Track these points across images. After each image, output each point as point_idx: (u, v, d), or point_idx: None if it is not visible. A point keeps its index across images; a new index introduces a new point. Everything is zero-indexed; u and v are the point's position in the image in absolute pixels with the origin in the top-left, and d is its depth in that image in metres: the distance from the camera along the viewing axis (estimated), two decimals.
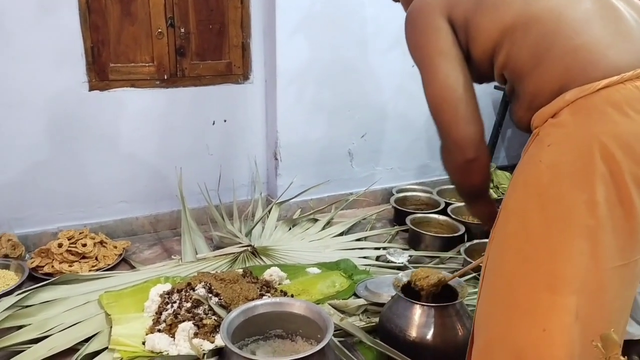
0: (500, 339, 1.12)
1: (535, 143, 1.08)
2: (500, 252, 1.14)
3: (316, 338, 1.58)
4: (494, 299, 1.15)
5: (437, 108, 1.20)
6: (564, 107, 1.04)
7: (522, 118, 1.16)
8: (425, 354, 1.65)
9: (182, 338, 1.74)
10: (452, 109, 1.17)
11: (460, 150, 1.19)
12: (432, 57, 1.19)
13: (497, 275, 1.14)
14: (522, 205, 1.08)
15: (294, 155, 2.94)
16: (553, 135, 1.05)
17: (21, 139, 2.40)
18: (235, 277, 2.05)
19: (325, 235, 2.73)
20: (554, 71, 1.07)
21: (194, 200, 2.76)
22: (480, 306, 1.19)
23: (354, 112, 3.04)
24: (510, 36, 1.12)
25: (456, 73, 1.17)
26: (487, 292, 1.18)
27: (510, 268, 1.10)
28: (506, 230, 1.12)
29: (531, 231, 1.06)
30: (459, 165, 1.23)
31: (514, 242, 1.10)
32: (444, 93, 1.17)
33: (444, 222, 2.73)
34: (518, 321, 1.08)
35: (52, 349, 1.77)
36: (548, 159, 1.04)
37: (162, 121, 2.68)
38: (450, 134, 1.19)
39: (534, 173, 1.06)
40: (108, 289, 2.10)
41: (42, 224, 2.54)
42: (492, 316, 1.15)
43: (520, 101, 1.15)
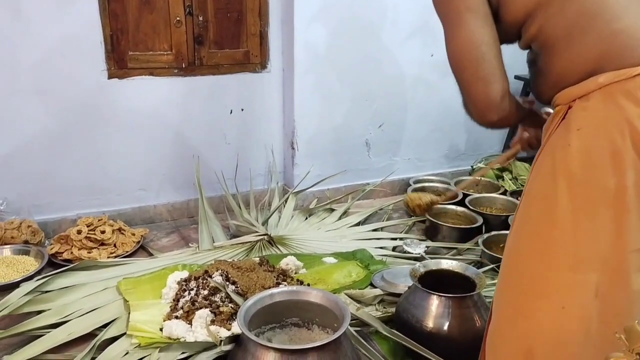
0: (517, 317, 1.14)
1: (563, 126, 1.07)
2: (522, 235, 1.14)
3: (332, 327, 1.57)
4: (513, 279, 1.16)
5: (458, 65, 1.14)
6: (595, 90, 1.02)
7: (543, 94, 1.15)
8: (441, 345, 1.64)
9: (199, 325, 1.75)
10: (473, 66, 1.11)
11: (481, 112, 1.14)
12: (458, 12, 1.12)
13: (518, 257, 1.14)
14: (548, 188, 1.07)
15: (310, 144, 2.93)
16: (583, 119, 1.04)
17: (40, 127, 2.42)
18: (252, 266, 2.05)
19: (341, 225, 2.73)
20: (588, 53, 1.05)
21: (211, 189, 2.77)
22: (499, 286, 1.20)
23: (371, 101, 3.02)
24: (546, 10, 1.08)
25: (482, 30, 1.11)
26: (506, 273, 1.18)
27: (531, 250, 1.10)
28: (530, 213, 1.12)
29: (558, 214, 1.05)
30: (482, 124, 1.19)
31: (537, 225, 1.09)
32: (467, 49, 1.12)
33: (461, 213, 2.70)
34: (537, 301, 1.09)
35: (71, 334, 1.79)
36: (577, 143, 1.03)
37: (180, 110, 2.68)
38: (470, 93, 1.14)
39: (563, 157, 1.05)
40: (126, 276, 2.11)
41: (61, 211, 2.57)
42: (510, 296, 1.16)
43: (545, 77, 1.13)
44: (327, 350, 1.37)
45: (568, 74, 1.07)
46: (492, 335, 1.21)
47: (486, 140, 3.38)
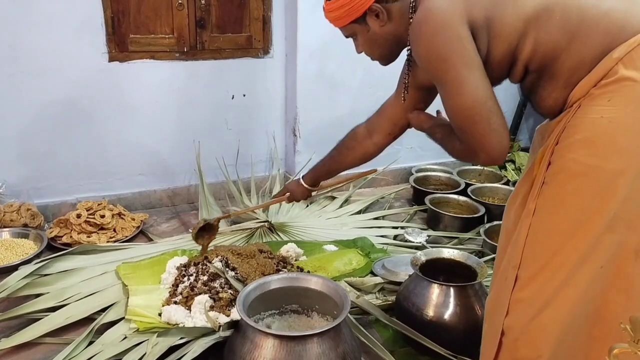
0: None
1: (583, 110, 1.08)
2: (556, 214, 1.14)
3: (332, 314, 1.56)
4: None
5: (468, 120, 1.17)
6: (613, 65, 1.05)
7: (557, 99, 1.15)
8: (441, 334, 1.63)
9: (198, 310, 1.74)
10: (485, 121, 1.15)
11: (495, 159, 1.19)
12: (458, 69, 1.15)
13: (549, 234, 1.15)
14: (587, 161, 1.08)
15: (312, 131, 2.91)
16: (611, 91, 1.06)
17: (41, 109, 2.40)
18: (252, 252, 2.04)
19: (342, 213, 2.71)
20: (593, 38, 1.08)
21: (211, 174, 2.75)
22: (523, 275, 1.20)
23: (375, 89, 2.98)
24: (535, 23, 1.13)
25: (484, 84, 1.16)
26: (535, 253, 1.18)
27: (568, 225, 1.12)
28: (565, 190, 1.12)
29: (599, 184, 1.08)
30: (486, 164, 1.29)
31: (577, 200, 1.11)
32: (475, 106, 1.15)
33: (463, 202, 2.69)
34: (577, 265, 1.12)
35: (69, 317, 1.78)
36: (610, 113, 1.05)
37: (181, 94, 2.66)
38: (483, 146, 1.17)
39: (596, 129, 1.07)
40: (125, 260, 2.10)
41: (61, 194, 2.55)
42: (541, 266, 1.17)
43: (556, 81, 1.14)
44: (326, 337, 1.36)
45: (581, 67, 1.10)
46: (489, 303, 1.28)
47: None
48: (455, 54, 1.14)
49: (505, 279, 1.21)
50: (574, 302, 1.12)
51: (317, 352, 1.34)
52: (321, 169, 1.88)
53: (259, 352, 1.34)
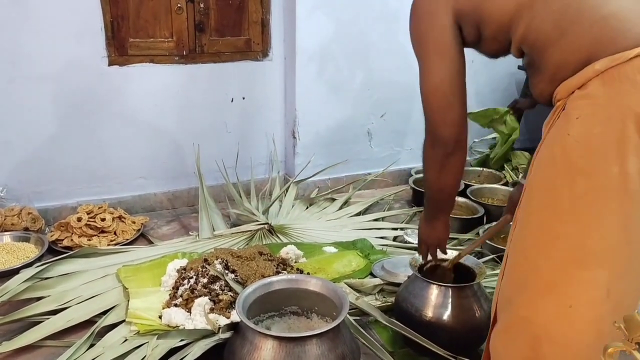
0: (522, 320, 1.10)
1: (563, 117, 1.04)
2: (525, 230, 1.11)
3: (332, 315, 1.57)
4: (518, 278, 1.12)
5: (428, 107, 1.27)
6: (592, 77, 1.00)
7: (543, 91, 1.13)
8: (440, 334, 1.63)
9: (198, 313, 1.75)
10: (442, 112, 1.24)
11: (443, 145, 1.28)
12: (430, 56, 1.24)
13: (521, 253, 1.11)
14: (549, 180, 1.05)
15: (312, 134, 2.92)
16: (582, 107, 1.01)
17: (41, 113, 2.41)
18: (252, 255, 2.05)
19: (342, 214, 2.72)
20: (581, 41, 1.03)
21: (211, 177, 2.76)
22: (503, 287, 1.17)
23: (373, 91, 3.00)
24: (529, 9, 1.10)
25: (450, 77, 1.21)
26: (510, 272, 1.15)
27: (535, 245, 1.07)
28: (531, 207, 1.09)
29: (559, 206, 1.03)
30: (439, 158, 1.32)
31: (539, 218, 1.07)
32: (437, 96, 1.24)
33: (462, 203, 2.69)
34: (542, 299, 1.06)
35: (70, 320, 1.79)
36: (577, 131, 1.01)
37: (181, 97, 2.67)
38: (436, 131, 1.28)
39: (562, 146, 1.02)
40: (126, 263, 2.11)
41: (61, 198, 2.56)
42: (515, 297, 1.12)
43: (542, 74, 1.11)
44: (326, 338, 1.37)
45: (565, 66, 1.06)
46: (497, 335, 1.19)
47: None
48: (431, 42, 1.22)
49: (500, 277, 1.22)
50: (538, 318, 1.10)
51: (316, 353, 1.35)
52: None
53: (259, 354, 1.35)
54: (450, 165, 1.33)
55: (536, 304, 1.08)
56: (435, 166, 1.35)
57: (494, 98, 3.30)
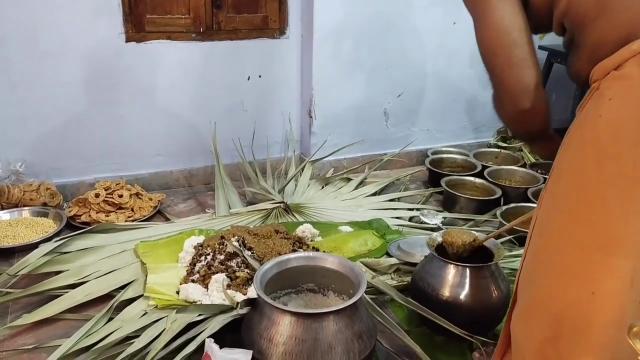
0: (544, 302, 1.08)
1: (595, 97, 1.00)
2: (550, 213, 1.08)
3: (348, 293, 1.57)
4: (540, 261, 1.10)
5: (489, 52, 1.10)
6: (629, 57, 0.95)
7: (580, 71, 1.08)
8: (457, 314, 1.63)
9: (215, 289, 1.76)
10: (506, 52, 1.06)
11: (514, 99, 1.10)
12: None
13: (546, 236, 1.09)
14: (577, 163, 1.02)
15: (328, 113, 2.90)
16: (615, 88, 0.97)
17: (59, 89, 2.42)
18: (269, 233, 2.05)
19: (358, 194, 2.71)
20: (620, 19, 0.98)
21: (227, 156, 2.76)
22: (525, 268, 1.15)
23: (391, 70, 2.97)
24: None
25: (512, 15, 1.07)
26: (533, 254, 1.13)
27: (560, 229, 1.04)
28: (558, 190, 1.06)
29: (587, 190, 0.99)
30: (513, 115, 1.16)
31: (566, 202, 1.04)
32: (498, 35, 1.08)
33: (479, 184, 2.67)
34: (564, 284, 1.03)
35: (89, 294, 1.81)
36: (608, 113, 0.97)
37: (198, 75, 2.66)
38: (502, 80, 1.10)
39: (592, 129, 0.99)
40: (144, 239, 2.13)
41: (79, 174, 2.58)
42: (537, 278, 1.10)
43: (580, 52, 1.07)
44: (343, 315, 1.37)
45: (603, 45, 1.01)
46: (517, 315, 1.17)
47: None
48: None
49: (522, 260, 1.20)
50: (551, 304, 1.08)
51: (333, 329, 1.35)
52: None
53: (276, 329, 1.35)
54: (529, 119, 1.16)
55: (558, 288, 1.05)
56: (512, 122, 1.21)
57: None
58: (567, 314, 1.04)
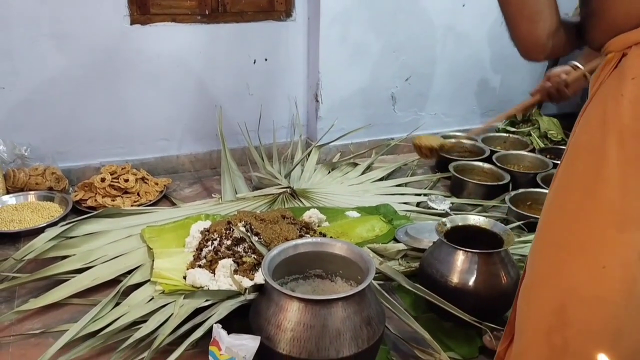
0: (552, 275, 1.08)
1: (616, 75, 0.98)
2: (566, 190, 1.07)
3: (356, 279, 1.56)
4: (551, 237, 1.09)
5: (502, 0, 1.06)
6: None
7: (595, 39, 1.05)
8: (465, 300, 1.61)
9: (222, 274, 1.75)
10: (518, 3, 1.03)
11: (525, 50, 1.07)
12: None
13: (558, 212, 1.08)
14: (597, 141, 0.99)
15: (335, 97, 2.87)
16: (639, 67, 0.94)
17: (64, 73, 2.40)
18: (275, 218, 2.04)
19: (365, 179, 2.69)
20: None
21: (233, 140, 2.75)
22: (536, 244, 1.14)
23: (399, 53, 2.93)
24: None
25: None
26: (544, 231, 1.12)
27: (574, 205, 1.03)
28: (575, 167, 1.05)
29: (606, 169, 0.98)
30: (526, 58, 1.12)
31: (582, 179, 1.02)
32: None
33: (488, 170, 2.65)
34: (575, 258, 1.03)
35: (96, 279, 1.81)
36: (631, 93, 0.94)
37: (203, 58, 2.63)
38: (514, 31, 1.06)
39: (614, 108, 0.96)
40: (150, 224, 2.12)
41: (85, 158, 2.57)
42: (547, 254, 1.10)
43: (598, 20, 1.04)
44: (351, 301, 1.36)
45: (624, 18, 0.97)
46: (525, 291, 1.17)
47: (516, 96, 3.27)
48: None
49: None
50: (571, 279, 1.06)
51: (342, 316, 1.34)
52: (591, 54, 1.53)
53: (284, 315, 1.34)
54: (547, 58, 1.11)
55: (568, 263, 1.05)
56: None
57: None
58: (576, 289, 1.03)
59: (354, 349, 1.34)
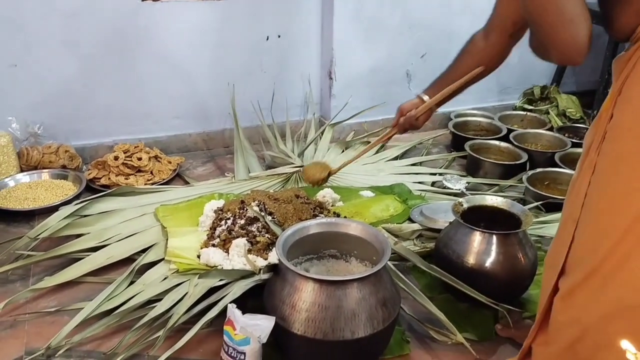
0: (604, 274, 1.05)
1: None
2: (609, 175, 1.04)
3: (371, 260, 1.54)
4: (597, 224, 1.06)
5: (537, 9, 1.01)
6: None
7: (626, 25, 1.02)
8: (482, 282, 1.59)
9: (235, 254, 1.74)
10: (558, 8, 0.98)
11: (569, 57, 1.02)
12: None
13: (603, 199, 1.05)
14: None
15: (349, 75, 2.83)
16: None
17: (75, 50, 2.38)
18: (289, 197, 2.02)
19: (379, 159, 2.66)
20: None
21: (246, 118, 2.71)
22: (581, 235, 1.10)
23: (414, 30, 2.87)
24: None
25: None
26: (589, 219, 1.08)
27: (622, 189, 1.01)
28: (621, 149, 1.02)
29: None
30: (560, 63, 1.11)
31: (631, 162, 1.00)
32: None
33: (505, 149, 2.60)
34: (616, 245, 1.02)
35: (110, 257, 1.81)
36: None
37: (215, 35, 2.59)
38: (555, 39, 1.01)
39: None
40: (163, 203, 2.11)
41: (98, 136, 2.56)
42: (598, 245, 1.06)
43: (628, 7, 1.01)
44: (367, 282, 1.34)
45: None
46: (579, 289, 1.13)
47: (534, 73, 3.21)
48: None
49: (565, 232, 1.14)
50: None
51: (357, 296, 1.32)
52: (442, 81, 1.71)
53: (299, 295, 1.33)
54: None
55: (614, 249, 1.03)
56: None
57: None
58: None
59: (369, 330, 1.33)
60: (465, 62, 1.61)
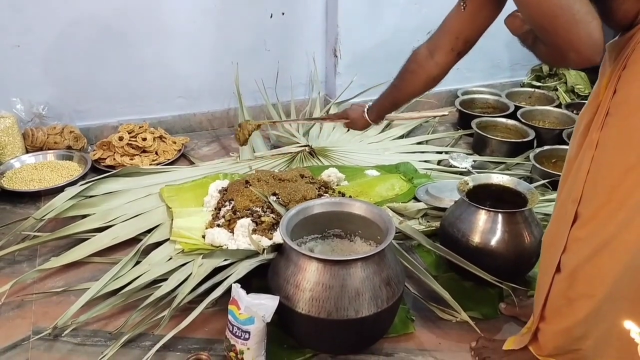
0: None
1: None
2: (618, 149, 1.04)
3: (375, 239, 1.54)
4: (607, 199, 1.06)
5: (548, 14, 0.99)
6: None
7: (628, 12, 1.01)
8: (487, 260, 1.59)
9: (240, 234, 1.74)
10: (568, 11, 0.97)
11: (587, 57, 1.00)
12: None
13: (611, 172, 1.05)
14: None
15: (354, 52, 2.79)
16: None
17: (77, 29, 2.36)
18: (293, 177, 2.01)
19: (384, 137, 2.64)
20: None
21: (250, 97, 2.70)
22: (586, 209, 1.11)
23: (420, 5, 2.82)
24: None
25: None
26: (593, 194, 1.09)
27: (635, 161, 1.01)
28: (630, 124, 1.01)
29: None
30: (576, 67, 1.09)
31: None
32: None
33: (512, 126, 2.57)
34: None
35: (116, 238, 1.82)
36: None
37: (218, 13, 2.56)
38: (571, 42, 0.99)
39: None
40: (168, 183, 2.11)
41: (103, 117, 2.56)
42: (607, 220, 1.07)
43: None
44: (371, 262, 1.34)
45: None
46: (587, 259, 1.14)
47: None
48: None
49: (565, 212, 1.13)
50: (633, 243, 1.04)
51: (361, 276, 1.32)
52: (384, 102, 1.68)
53: (303, 275, 1.33)
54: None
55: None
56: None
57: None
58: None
59: (374, 309, 1.33)
60: (410, 82, 1.54)
